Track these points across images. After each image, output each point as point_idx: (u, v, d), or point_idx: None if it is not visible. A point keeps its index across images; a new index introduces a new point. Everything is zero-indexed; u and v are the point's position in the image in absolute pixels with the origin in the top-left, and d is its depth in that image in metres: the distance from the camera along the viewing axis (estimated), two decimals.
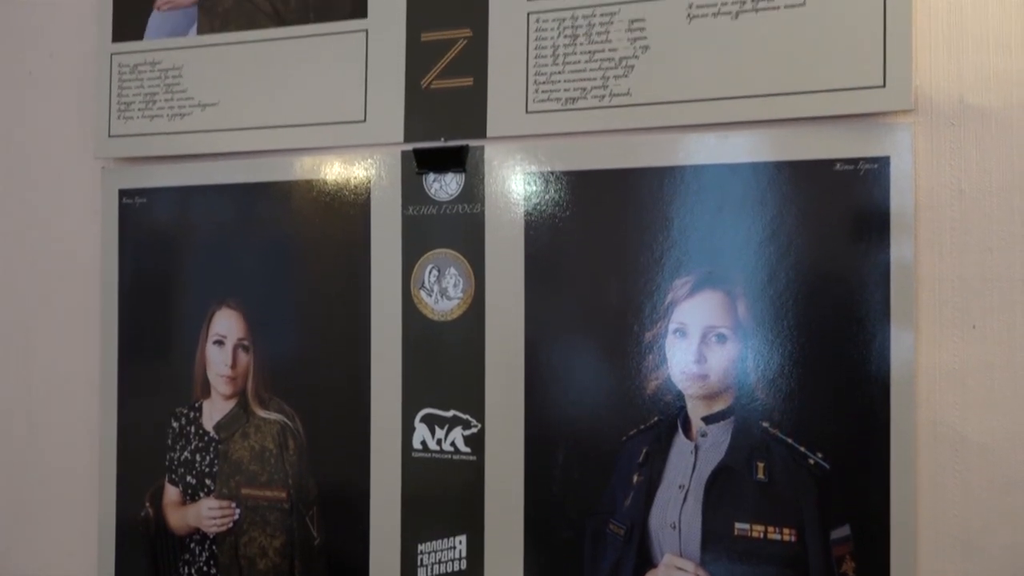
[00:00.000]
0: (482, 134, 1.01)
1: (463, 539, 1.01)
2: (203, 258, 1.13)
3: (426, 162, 1.03)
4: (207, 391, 1.13)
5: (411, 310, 1.04)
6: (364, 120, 1.06)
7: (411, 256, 1.04)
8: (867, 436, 0.87)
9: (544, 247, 0.99)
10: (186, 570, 1.14)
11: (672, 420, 0.93)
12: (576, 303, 0.97)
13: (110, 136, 1.17)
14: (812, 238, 0.89)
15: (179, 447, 1.14)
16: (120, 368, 1.17)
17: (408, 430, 1.04)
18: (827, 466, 0.88)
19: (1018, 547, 0.84)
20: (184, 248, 1.14)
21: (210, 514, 1.12)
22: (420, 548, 1.03)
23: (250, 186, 1.11)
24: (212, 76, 1.13)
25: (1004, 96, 0.85)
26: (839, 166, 0.88)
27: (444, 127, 1.03)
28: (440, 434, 1.02)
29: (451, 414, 1.02)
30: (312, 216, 1.08)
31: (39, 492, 1.24)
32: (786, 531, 0.89)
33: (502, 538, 1.00)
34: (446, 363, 1.02)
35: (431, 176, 1.03)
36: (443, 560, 1.02)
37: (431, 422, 1.03)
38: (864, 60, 0.87)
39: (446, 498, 1.02)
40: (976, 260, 0.86)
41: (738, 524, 0.91)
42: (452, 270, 1.02)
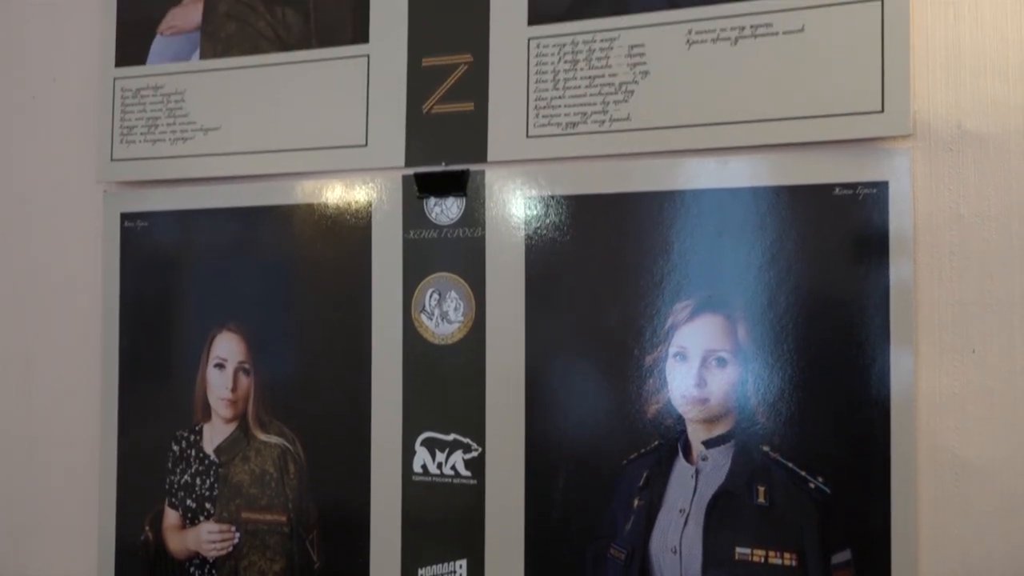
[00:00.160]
0: (483, 158, 1.02)
1: (463, 563, 1.01)
2: (204, 281, 1.14)
3: (427, 186, 1.03)
4: (208, 414, 1.13)
5: (412, 334, 1.04)
6: (365, 144, 1.06)
7: (412, 280, 1.04)
8: (868, 460, 0.87)
9: (545, 271, 0.99)
10: None
11: (672, 444, 0.93)
12: (577, 327, 0.97)
13: (112, 160, 1.18)
14: (811, 262, 0.89)
15: (179, 470, 1.14)
16: (121, 391, 1.17)
17: (408, 454, 1.04)
18: (828, 490, 0.88)
19: (1020, 572, 0.84)
20: (185, 271, 1.15)
21: (210, 538, 1.12)
22: (420, 572, 1.03)
23: (251, 210, 1.11)
24: (214, 100, 1.13)
25: (1002, 122, 0.86)
26: (838, 191, 0.89)
27: (445, 151, 1.03)
28: (441, 458, 1.02)
29: (452, 438, 1.02)
30: (313, 240, 1.08)
31: (38, 515, 1.24)
32: (787, 555, 0.89)
33: (503, 562, 0.99)
34: (447, 387, 1.02)
35: (432, 200, 1.04)
36: None
37: (432, 446, 1.03)
38: (862, 86, 0.88)
39: (446, 522, 1.02)
40: (975, 284, 0.86)
41: (739, 548, 0.90)
42: (453, 294, 1.02)
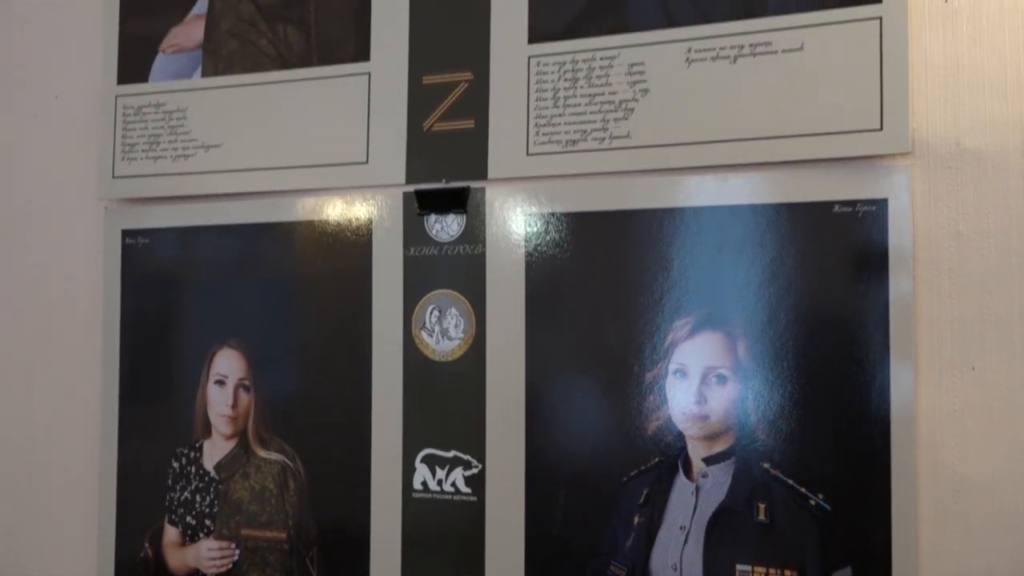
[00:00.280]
0: (483, 176, 1.02)
1: None
2: (205, 298, 1.14)
3: (428, 203, 1.04)
4: (208, 431, 1.13)
5: (412, 350, 1.04)
6: (366, 162, 1.07)
7: (412, 297, 1.04)
8: (868, 477, 0.87)
9: (545, 288, 0.99)
10: None
11: (673, 461, 0.93)
12: (577, 344, 0.97)
13: (114, 177, 1.18)
14: (811, 279, 0.89)
15: (179, 487, 1.14)
16: (121, 407, 1.17)
17: (409, 470, 1.04)
18: (828, 507, 0.88)
19: None
20: (186, 288, 1.15)
21: (210, 555, 1.12)
22: None
23: (252, 227, 1.12)
24: (216, 118, 1.14)
25: (1000, 140, 0.86)
26: (837, 208, 0.89)
27: (445, 169, 1.04)
28: (441, 474, 1.02)
29: (452, 454, 1.02)
30: (314, 257, 1.08)
31: (38, 532, 1.23)
32: (787, 572, 0.89)
33: None
34: (447, 403, 1.02)
35: (432, 217, 1.04)
36: None
37: (432, 462, 1.03)
38: (861, 104, 0.88)
39: (447, 539, 1.02)
40: (975, 301, 0.86)
41: (739, 566, 0.90)
42: (453, 310, 1.02)
